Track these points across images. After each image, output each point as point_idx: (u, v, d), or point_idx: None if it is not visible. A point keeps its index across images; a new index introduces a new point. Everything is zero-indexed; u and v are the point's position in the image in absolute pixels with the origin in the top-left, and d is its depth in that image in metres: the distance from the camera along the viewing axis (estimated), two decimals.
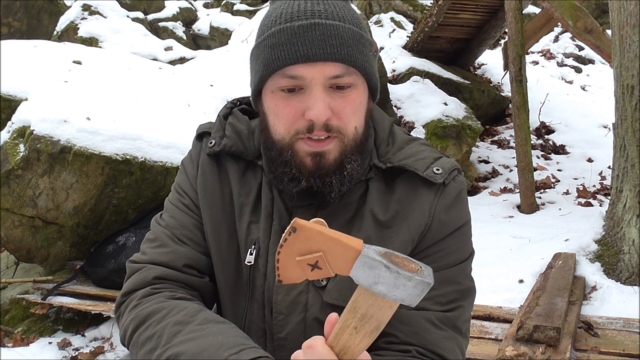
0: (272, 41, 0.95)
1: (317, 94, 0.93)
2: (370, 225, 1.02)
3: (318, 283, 1.01)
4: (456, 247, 1.04)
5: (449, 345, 1.00)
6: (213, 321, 0.95)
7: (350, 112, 0.96)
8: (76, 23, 7.33)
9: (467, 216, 1.07)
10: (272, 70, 0.95)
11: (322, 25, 0.93)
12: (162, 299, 1.02)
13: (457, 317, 1.03)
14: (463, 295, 1.04)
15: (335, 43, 0.93)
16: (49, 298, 3.12)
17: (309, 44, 0.92)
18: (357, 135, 0.98)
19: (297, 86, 0.95)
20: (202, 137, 1.15)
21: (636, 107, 3.15)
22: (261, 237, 1.05)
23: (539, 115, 6.88)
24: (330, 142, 0.96)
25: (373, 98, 1.05)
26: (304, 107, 0.94)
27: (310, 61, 0.92)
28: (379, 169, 1.05)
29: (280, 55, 0.94)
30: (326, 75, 0.93)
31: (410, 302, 0.77)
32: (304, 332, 1.02)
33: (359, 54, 0.95)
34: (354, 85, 0.96)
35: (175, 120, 3.55)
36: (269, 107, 0.99)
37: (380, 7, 9.38)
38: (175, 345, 0.92)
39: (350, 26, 0.96)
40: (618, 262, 3.16)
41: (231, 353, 0.87)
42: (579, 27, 4.77)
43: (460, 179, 1.06)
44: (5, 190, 3.04)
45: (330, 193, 0.98)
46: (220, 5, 9.80)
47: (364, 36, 0.98)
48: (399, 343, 1.00)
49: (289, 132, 0.96)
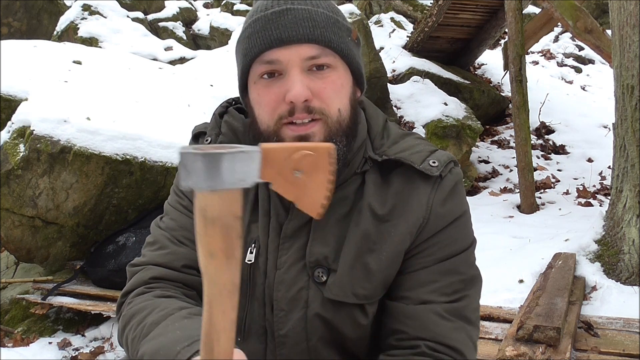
0: (248, 31, 0.97)
1: (294, 76, 0.94)
2: (368, 219, 1.02)
3: (318, 279, 1.02)
4: (456, 237, 1.04)
5: (459, 336, 1.00)
6: (181, 317, 0.95)
7: (331, 92, 0.96)
8: (76, 23, 7.33)
9: (464, 206, 1.07)
10: (250, 59, 0.97)
11: (294, 10, 0.94)
12: (149, 297, 1.04)
13: (464, 306, 1.02)
14: (468, 284, 1.04)
15: (308, 24, 0.94)
16: (49, 298, 3.12)
17: (282, 28, 0.93)
18: (342, 117, 0.98)
19: (275, 71, 0.96)
20: (198, 137, 1.15)
21: (636, 107, 3.15)
22: (261, 235, 1.05)
23: (539, 115, 6.88)
24: (314, 125, 0.96)
25: (360, 86, 1.05)
26: (284, 91, 0.94)
27: (285, 44, 0.93)
28: (375, 161, 1.05)
29: (256, 42, 0.95)
30: (302, 57, 0.94)
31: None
32: (305, 329, 1.03)
33: (333, 35, 0.96)
34: (332, 67, 0.97)
35: (175, 120, 3.55)
36: (253, 99, 1.00)
37: (380, 7, 9.38)
38: (142, 345, 0.94)
39: (324, 11, 0.97)
40: (618, 262, 3.16)
41: (183, 345, 0.87)
42: (579, 27, 4.77)
43: (457, 170, 1.06)
44: (5, 190, 3.04)
45: None
46: (220, 5, 9.80)
47: (339, 21, 0.99)
48: (408, 339, 1.00)
49: (273, 118, 0.97)
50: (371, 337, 1.08)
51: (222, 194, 0.67)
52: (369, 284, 1.02)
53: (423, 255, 1.03)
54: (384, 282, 1.04)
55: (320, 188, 0.77)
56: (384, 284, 1.04)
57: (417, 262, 1.03)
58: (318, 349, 1.04)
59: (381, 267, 1.02)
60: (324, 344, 1.04)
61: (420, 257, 1.03)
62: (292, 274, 1.03)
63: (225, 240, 0.68)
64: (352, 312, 1.03)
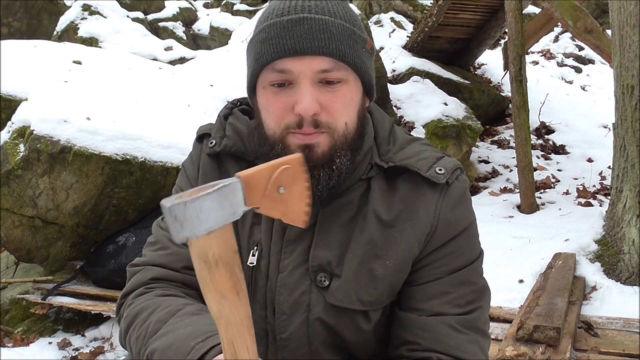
0: (262, 36, 0.96)
1: (305, 88, 0.93)
2: (374, 225, 1.01)
3: (321, 283, 1.01)
4: (466, 247, 1.04)
5: (472, 349, 1.00)
6: (189, 314, 0.95)
7: (340, 107, 0.95)
8: (76, 23, 7.33)
9: (472, 216, 1.07)
10: (261, 65, 0.96)
11: (310, 20, 0.92)
12: (150, 296, 1.03)
13: (477, 318, 1.02)
14: (480, 295, 1.04)
15: (323, 37, 0.92)
16: (49, 298, 3.12)
17: (297, 38, 0.91)
18: (348, 131, 0.97)
19: (286, 80, 0.94)
20: (202, 139, 1.15)
21: (636, 107, 3.15)
22: (263, 238, 1.05)
23: (539, 115, 6.88)
24: (319, 136, 0.95)
25: (369, 96, 1.04)
26: (293, 102, 0.93)
27: (298, 55, 0.92)
28: (381, 168, 1.04)
29: (269, 49, 0.93)
30: (314, 69, 0.93)
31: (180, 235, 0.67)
32: (307, 333, 1.02)
33: (348, 48, 0.94)
34: (344, 81, 0.95)
35: (175, 120, 3.55)
36: (261, 103, 0.99)
37: (380, 7, 9.39)
38: (151, 343, 0.93)
39: (341, 21, 0.95)
40: (618, 262, 3.16)
41: (197, 341, 0.87)
42: (579, 27, 4.77)
43: (463, 178, 1.06)
44: (5, 190, 3.04)
45: (317, 186, 0.96)
46: (220, 5, 9.80)
47: (355, 32, 0.97)
48: (420, 350, 1.00)
49: (279, 126, 0.96)
50: (374, 341, 1.07)
51: (218, 233, 0.68)
52: (375, 290, 1.01)
53: (435, 266, 1.02)
54: (390, 289, 1.03)
55: (301, 197, 0.78)
56: (390, 290, 1.03)
57: (430, 274, 1.02)
58: (320, 353, 1.04)
59: (387, 273, 1.01)
60: (325, 348, 1.04)
61: (432, 268, 1.02)
62: (294, 278, 1.02)
63: (232, 276, 0.70)
64: (355, 318, 1.02)
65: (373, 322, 1.04)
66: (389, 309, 1.06)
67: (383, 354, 1.08)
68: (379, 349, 1.08)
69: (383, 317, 1.06)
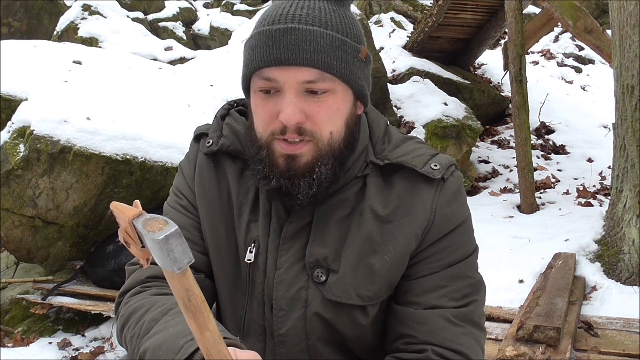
0: (252, 42, 0.98)
1: (289, 98, 0.94)
2: (370, 221, 1.03)
3: (317, 279, 1.02)
4: (462, 241, 1.06)
5: (467, 341, 1.02)
6: (181, 312, 0.96)
7: (324, 117, 0.96)
8: (76, 23, 7.33)
9: (467, 211, 1.09)
10: (250, 71, 0.98)
11: (298, 30, 0.93)
12: (146, 295, 1.05)
13: (472, 311, 1.04)
14: (475, 288, 1.06)
15: (309, 49, 0.93)
16: (49, 298, 3.12)
17: (283, 49, 0.93)
18: (334, 140, 0.98)
19: (273, 88, 0.96)
20: (199, 139, 1.17)
21: (636, 107, 3.14)
22: (260, 235, 1.06)
23: (539, 115, 6.88)
24: (303, 146, 0.97)
25: (364, 103, 1.05)
26: (278, 109, 0.95)
27: (284, 65, 0.93)
28: (376, 165, 1.06)
29: (257, 57, 0.95)
30: (299, 80, 0.94)
31: (163, 265, 0.72)
32: (304, 328, 1.03)
33: (335, 60, 0.95)
34: (330, 91, 0.96)
35: (175, 120, 3.55)
36: (252, 106, 1.02)
37: (380, 7, 9.39)
38: (144, 342, 0.95)
39: (331, 32, 0.95)
40: (618, 262, 3.16)
41: (186, 340, 0.88)
42: (579, 27, 4.77)
43: (458, 174, 1.08)
44: (5, 190, 3.04)
45: (298, 194, 0.99)
46: (220, 5, 9.80)
47: (346, 42, 0.97)
48: (416, 343, 1.01)
49: (266, 131, 0.98)
50: (371, 336, 1.08)
51: (169, 274, 0.73)
52: (373, 285, 1.02)
53: (432, 261, 1.04)
54: (388, 284, 1.04)
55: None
56: (388, 285, 1.04)
57: (426, 267, 1.04)
58: (317, 348, 1.05)
59: (385, 268, 1.02)
60: (323, 343, 1.05)
61: (428, 262, 1.04)
62: (291, 274, 1.03)
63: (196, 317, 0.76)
64: (352, 312, 1.03)
65: (370, 317, 1.05)
66: (385, 304, 1.08)
67: (380, 348, 1.09)
68: (376, 343, 1.10)
69: (380, 311, 1.07)
